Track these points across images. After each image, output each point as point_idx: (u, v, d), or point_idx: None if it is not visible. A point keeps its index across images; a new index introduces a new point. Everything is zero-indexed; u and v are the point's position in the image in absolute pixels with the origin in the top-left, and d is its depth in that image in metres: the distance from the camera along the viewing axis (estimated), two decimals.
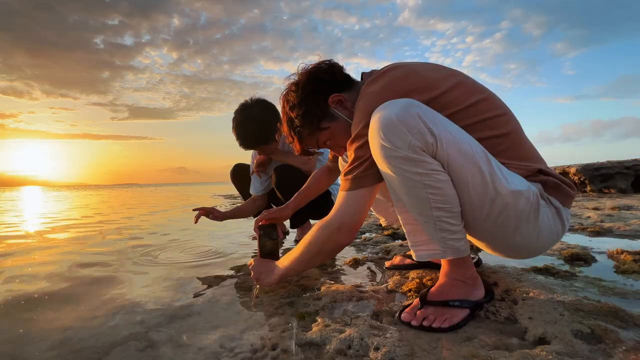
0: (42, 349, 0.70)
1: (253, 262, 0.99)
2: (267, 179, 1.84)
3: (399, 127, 0.64)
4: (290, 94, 0.88)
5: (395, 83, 0.75)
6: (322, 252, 0.83)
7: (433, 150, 0.65)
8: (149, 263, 1.42)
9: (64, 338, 0.74)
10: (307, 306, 0.85)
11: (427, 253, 0.73)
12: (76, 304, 0.94)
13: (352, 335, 0.66)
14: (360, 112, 0.75)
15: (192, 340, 0.71)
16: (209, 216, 1.59)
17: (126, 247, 1.79)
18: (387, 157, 0.67)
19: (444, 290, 0.76)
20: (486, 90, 0.79)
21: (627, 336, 0.62)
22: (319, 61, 0.88)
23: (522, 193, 0.68)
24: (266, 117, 1.55)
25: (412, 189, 0.67)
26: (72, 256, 1.59)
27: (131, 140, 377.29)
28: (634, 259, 1.14)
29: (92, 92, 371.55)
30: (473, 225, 0.72)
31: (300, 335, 0.69)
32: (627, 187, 4.35)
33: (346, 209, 0.77)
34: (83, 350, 0.69)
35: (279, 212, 1.18)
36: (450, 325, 0.70)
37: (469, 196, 0.68)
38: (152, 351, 0.67)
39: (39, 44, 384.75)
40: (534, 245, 0.75)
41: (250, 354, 0.64)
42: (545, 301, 0.77)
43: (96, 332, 0.77)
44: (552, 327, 0.66)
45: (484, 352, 0.60)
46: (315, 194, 1.26)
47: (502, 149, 0.74)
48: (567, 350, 0.58)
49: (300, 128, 0.87)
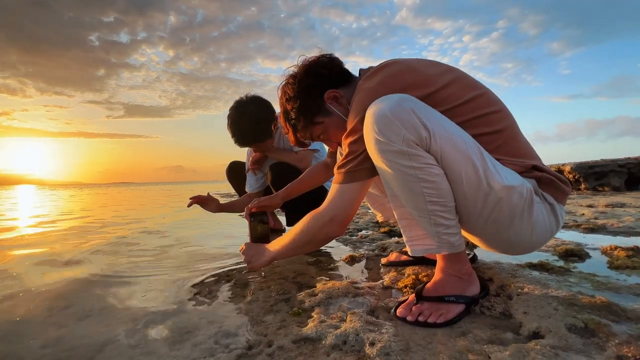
0: (35, 346, 0.69)
1: (244, 246, 1.01)
2: (262, 176, 1.83)
3: (393, 122, 0.65)
4: (287, 85, 0.89)
5: (391, 79, 0.75)
6: (312, 242, 0.85)
7: (427, 144, 0.65)
8: (141, 260, 1.41)
9: (57, 336, 0.73)
10: (302, 302, 0.85)
11: (422, 248, 0.73)
12: (69, 302, 0.93)
13: (347, 331, 0.66)
14: (356, 107, 0.75)
15: (186, 337, 0.70)
16: (203, 206, 1.58)
17: (118, 245, 1.78)
18: (381, 151, 0.67)
19: (440, 285, 0.76)
20: (482, 86, 0.79)
21: (620, 330, 0.63)
22: (319, 55, 0.89)
23: (516, 188, 0.69)
24: (261, 114, 1.55)
25: (406, 183, 0.67)
26: (63, 255, 1.58)
27: (127, 138, 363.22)
28: (627, 254, 1.15)
29: (87, 90, 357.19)
30: (467, 220, 0.73)
31: (295, 331, 0.68)
32: (620, 185, 4.40)
33: (338, 201, 0.78)
34: (76, 348, 0.68)
35: (269, 200, 1.20)
36: (446, 320, 0.70)
37: (463, 191, 0.68)
38: (145, 347, 0.67)
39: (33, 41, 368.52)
40: (529, 241, 0.75)
41: (245, 350, 0.64)
42: (540, 296, 0.77)
43: (89, 329, 0.76)
44: (546, 322, 0.66)
45: (478, 347, 0.60)
46: (309, 187, 1.27)
47: (497, 145, 0.74)
48: (561, 344, 0.59)
49: (295, 120, 0.88)
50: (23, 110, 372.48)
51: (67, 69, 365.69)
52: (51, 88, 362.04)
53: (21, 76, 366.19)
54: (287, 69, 0.91)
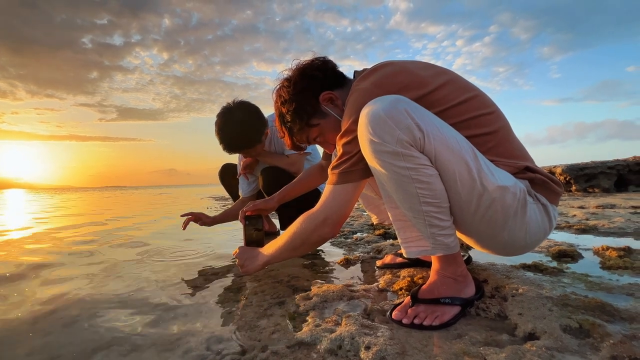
0: (20, 354, 0.67)
1: (238, 250, 1.00)
2: (254, 180, 1.82)
3: (387, 122, 0.64)
4: (282, 89, 0.88)
5: (385, 80, 0.75)
6: (306, 244, 0.84)
7: (420, 145, 0.65)
8: (132, 265, 1.38)
9: (44, 343, 0.71)
10: (297, 306, 0.84)
11: (417, 250, 0.73)
12: (56, 306, 0.91)
13: (343, 335, 0.65)
14: (350, 108, 0.75)
15: (177, 343, 0.68)
16: (197, 222, 1.57)
17: (109, 249, 1.74)
18: (375, 151, 0.66)
19: (435, 287, 0.76)
20: (476, 88, 0.80)
21: (615, 330, 0.63)
22: (313, 58, 0.89)
23: (509, 188, 0.69)
24: (249, 120, 1.53)
25: (401, 184, 0.67)
26: (53, 257, 1.54)
27: (120, 141, 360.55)
28: (618, 255, 1.16)
29: (80, 92, 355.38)
30: (462, 221, 0.72)
31: (290, 335, 0.67)
32: (610, 186, 4.47)
33: (332, 202, 0.77)
34: (63, 356, 0.66)
35: (264, 203, 1.19)
36: (441, 322, 0.70)
37: (457, 191, 0.68)
38: (135, 355, 0.65)
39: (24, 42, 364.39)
40: (522, 241, 0.76)
41: (238, 355, 0.63)
42: (534, 297, 0.77)
43: (77, 336, 0.74)
44: (541, 323, 0.66)
45: (474, 349, 0.59)
46: (303, 190, 1.26)
47: (491, 146, 0.75)
48: (557, 345, 0.59)
49: (291, 123, 0.88)
50: (13, 113, 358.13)
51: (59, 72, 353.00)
52: (42, 90, 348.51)
53: (11, 78, 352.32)
54: (281, 73, 0.90)
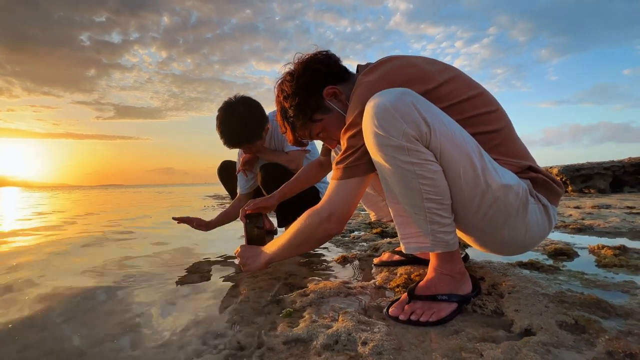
0: (13, 350, 0.66)
1: (240, 249, 0.97)
2: (253, 177, 1.81)
3: (393, 115, 0.63)
4: (285, 83, 0.86)
5: (391, 73, 0.74)
6: (310, 240, 0.81)
7: (426, 140, 0.64)
8: (128, 259, 1.37)
9: (39, 339, 0.70)
10: (294, 303, 0.83)
11: (416, 246, 0.72)
12: (51, 302, 0.90)
13: (339, 330, 0.65)
14: (355, 101, 0.73)
15: (173, 338, 0.68)
16: (193, 225, 1.56)
17: (103, 244, 1.73)
18: (380, 145, 0.65)
19: (432, 284, 0.76)
20: (480, 86, 0.79)
21: (610, 326, 0.63)
22: (316, 51, 0.86)
23: (512, 187, 0.68)
24: (250, 115, 1.53)
25: (404, 179, 0.66)
26: (47, 255, 1.53)
27: (117, 140, 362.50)
28: (614, 253, 1.17)
29: (77, 90, 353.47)
30: (463, 218, 0.72)
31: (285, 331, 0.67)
32: (605, 187, 4.50)
33: (337, 198, 0.75)
34: (57, 351, 0.65)
35: (265, 201, 1.17)
36: (438, 319, 0.69)
37: (460, 188, 0.67)
38: (130, 349, 0.64)
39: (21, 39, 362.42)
40: (522, 241, 0.75)
41: (235, 351, 0.62)
42: (531, 294, 0.77)
43: (72, 332, 0.73)
44: (537, 319, 0.66)
45: (471, 345, 0.60)
46: (303, 186, 1.25)
47: (495, 144, 0.74)
48: (553, 341, 0.59)
49: (293, 119, 0.86)
50: (9, 111, 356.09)
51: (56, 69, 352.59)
52: (39, 88, 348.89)
53: (7, 75, 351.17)
54: (283, 65, 0.87)
